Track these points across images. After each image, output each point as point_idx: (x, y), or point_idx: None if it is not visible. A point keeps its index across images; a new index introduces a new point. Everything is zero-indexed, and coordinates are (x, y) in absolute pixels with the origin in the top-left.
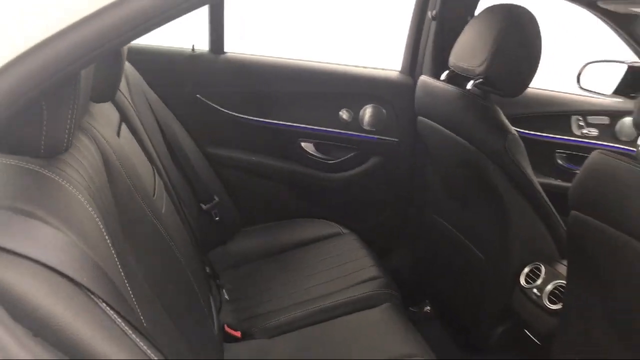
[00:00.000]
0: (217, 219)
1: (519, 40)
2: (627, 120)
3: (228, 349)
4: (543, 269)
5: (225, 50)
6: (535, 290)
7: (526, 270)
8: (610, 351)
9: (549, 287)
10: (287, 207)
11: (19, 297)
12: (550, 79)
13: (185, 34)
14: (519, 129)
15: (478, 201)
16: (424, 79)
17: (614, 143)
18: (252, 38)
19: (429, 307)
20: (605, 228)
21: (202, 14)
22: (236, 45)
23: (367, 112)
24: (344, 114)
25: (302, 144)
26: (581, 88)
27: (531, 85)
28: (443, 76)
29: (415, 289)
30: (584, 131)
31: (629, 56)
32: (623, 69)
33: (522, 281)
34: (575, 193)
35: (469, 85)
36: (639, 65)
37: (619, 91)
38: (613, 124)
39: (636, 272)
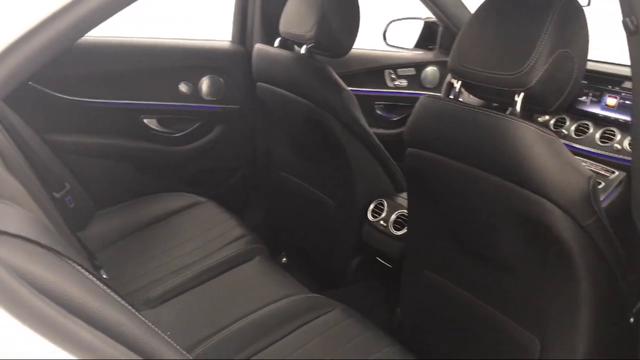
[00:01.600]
0: (72, 205)
1: (341, 6)
2: (430, 69)
3: None
4: (385, 203)
5: None
6: (381, 222)
7: (371, 206)
8: (453, 262)
9: (393, 217)
10: (139, 185)
11: (13, 269)
12: (363, 39)
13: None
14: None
15: (323, 154)
16: (260, 46)
17: (421, 90)
18: None
19: (285, 259)
20: (438, 158)
21: None
22: None
23: (205, 83)
24: (183, 87)
25: (145, 121)
26: (388, 44)
27: None
28: (276, 43)
29: (272, 243)
30: (396, 83)
31: (425, 12)
32: (420, 24)
33: (369, 216)
34: (410, 133)
35: (303, 50)
36: (432, 20)
37: (419, 44)
38: (419, 74)
39: (466, 190)
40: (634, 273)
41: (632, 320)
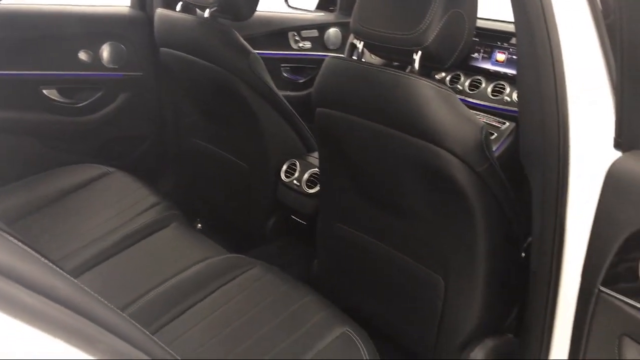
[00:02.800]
0: None
1: None
2: (332, 30)
3: None
4: (298, 163)
5: None
6: (295, 182)
7: (284, 167)
8: (363, 214)
9: (306, 176)
10: (44, 159)
11: None
12: (265, 1)
13: None
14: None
15: (233, 118)
16: (161, 11)
17: (324, 52)
18: None
19: (200, 225)
20: (345, 116)
21: None
22: None
23: (106, 50)
24: (82, 55)
25: (44, 91)
26: (290, 6)
27: None
28: (178, 7)
29: (187, 210)
30: (300, 45)
31: None
32: None
33: (283, 177)
34: (318, 93)
35: (206, 14)
36: None
37: (320, 6)
38: (321, 36)
39: (373, 146)
40: (523, 213)
41: (523, 255)
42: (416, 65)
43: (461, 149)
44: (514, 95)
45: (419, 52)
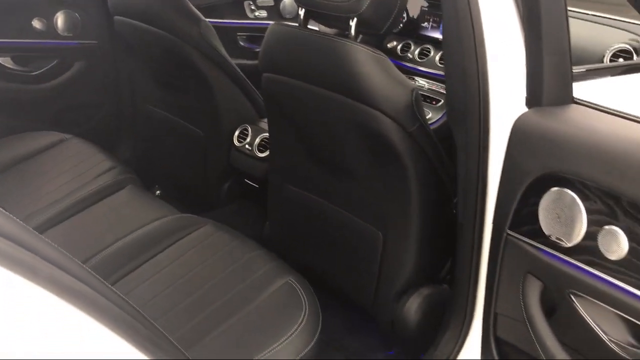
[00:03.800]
0: None
1: None
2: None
3: None
4: (250, 128)
5: None
6: (247, 146)
7: (237, 132)
8: (310, 175)
9: (257, 140)
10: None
11: None
12: None
13: None
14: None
15: (187, 85)
16: None
17: (281, 20)
18: None
19: (158, 191)
20: (289, 81)
21: None
22: None
23: (60, 18)
24: (36, 23)
25: None
26: None
27: None
28: None
29: (144, 176)
30: (256, 14)
31: None
32: None
33: (236, 142)
34: (264, 58)
35: None
36: None
37: None
38: (277, 4)
39: (316, 109)
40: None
41: (454, 211)
42: (352, 31)
43: (393, 110)
44: None
45: (355, 19)
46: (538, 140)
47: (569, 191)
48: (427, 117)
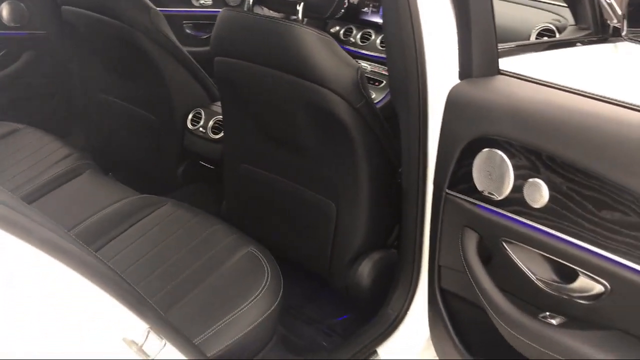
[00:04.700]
0: None
1: None
2: None
3: None
4: (202, 111)
5: None
6: (200, 129)
7: (190, 116)
8: (264, 153)
9: (211, 123)
10: None
11: None
12: None
13: None
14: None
15: (138, 72)
16: None
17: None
18: None
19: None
20: (240, 63)
21: None
22: None
23: (6, 9)
24: None
25: None
26: None
27: None
28: None
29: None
30: (201, 2)
31: None
32: None
33: (189, 125)
34: (216, 43)
35: None
36: None
37: None
38: None
39: (268, 89)
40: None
41: (399, 180)
42: (300, 15)
43: (341, 87)
44: None
45: (302, 4)
46: (469, 107)
47: (498, 151)
48: (372, 97)
